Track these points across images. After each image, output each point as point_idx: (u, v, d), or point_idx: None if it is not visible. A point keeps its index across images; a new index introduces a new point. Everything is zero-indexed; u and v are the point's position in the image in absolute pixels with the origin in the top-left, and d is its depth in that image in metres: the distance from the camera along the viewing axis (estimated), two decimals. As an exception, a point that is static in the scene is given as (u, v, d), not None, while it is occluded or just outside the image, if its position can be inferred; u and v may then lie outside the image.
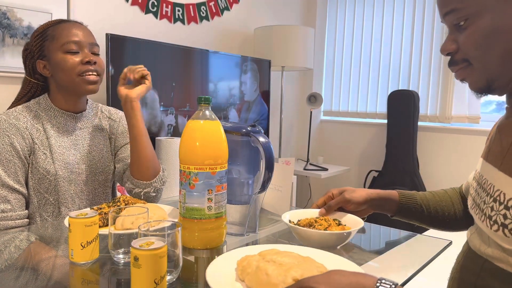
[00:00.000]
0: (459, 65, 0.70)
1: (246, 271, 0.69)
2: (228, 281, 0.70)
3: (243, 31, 2.85)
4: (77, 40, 1.17)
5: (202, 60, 2.24)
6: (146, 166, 1.22)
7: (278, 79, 3.12)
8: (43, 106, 1.21)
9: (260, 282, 0.65)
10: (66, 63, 1.16)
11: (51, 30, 1.18)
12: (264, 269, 0.66)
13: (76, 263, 0.80)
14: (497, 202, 0.69)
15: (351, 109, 3.24)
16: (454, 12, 0.67)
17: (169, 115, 2.09)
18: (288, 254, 0.72)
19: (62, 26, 1.19)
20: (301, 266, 0.67)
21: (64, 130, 1.22)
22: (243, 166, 0.99)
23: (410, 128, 2.78)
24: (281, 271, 0.66)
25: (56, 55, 1.17)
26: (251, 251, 0.79)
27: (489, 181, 0.73)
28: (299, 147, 3.52)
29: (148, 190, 1.22)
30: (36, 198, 1.17)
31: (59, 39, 1.17)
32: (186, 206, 0.88)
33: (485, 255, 0.72)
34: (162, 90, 2.05)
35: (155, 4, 2.27)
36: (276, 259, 0.70)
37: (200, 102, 0.88)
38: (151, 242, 0.65)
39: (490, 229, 0.69)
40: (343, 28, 3.26)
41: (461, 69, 0.70)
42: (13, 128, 1.14)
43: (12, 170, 1.12)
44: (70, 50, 1.16)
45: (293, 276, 0.64)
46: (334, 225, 0.92)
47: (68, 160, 1.20)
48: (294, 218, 0.99)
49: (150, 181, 1.23)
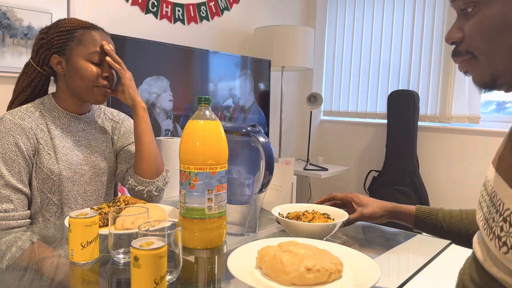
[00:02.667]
0: (463, 57, 0.64)
1: (263, 259, 0.74)
2: (247, 268, 0.75)
3: (243, 31, 2.85)
4: (102, 52, 1.19)
5: (202, 60, 2.24)
6: (149, 165, 1.23)
7: (278, 79, 3.12)
8: (47, 107, 1.21)
9: (275, 269, 0.70)
10: (86, 72, 1.17)
11: (80, 33, 1.18)
12: (280, 258, 0.71)
13: (76, 263, 0.80)
14: (507, 223, 0.62)
15: (351, 109, 3.25)
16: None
17: (166, 120, 2.09)
18: (305, 246, 0.76)
19: (93, 33, 1.19)
20: (315, 257, 0.71)
21: (67, 131, 1.23)
22: (243, 166, 0.99)
23: (410, 128, 2.78)
24: (295, 260, 0.70)
25: (78, 60, 1.17)
26: (272, 242, 0.84)
27: (498, 195, 0.65)
28: (299, 147, 3.52)
29: (150, 188, 1.23)
30: (40, 198, 1.17)
31: (87, 46, 1.17)
32: (186, 206, 0.88)
33: (490, 272, 0.66)
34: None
35: (155, 4, 2.27)
36: (292, 250, 0.74)
37: (200, 102, 0.89)
38: (151, 242, 0.65)
39: (499, 250, 0.63)
40: (343, 28, 3.26)
41: (464, 61, 0.65)
42: (18, 128, 1.14)
43: (16, 170, 1.12)
44: (93, 60, 1.17)
45: (306, 266, 0.68)
46: (320, 218, 0.98)
47: (72, 160, 1.20)
48: (285, 211, 1.06)
49: (153, 179, 1.23)
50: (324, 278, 0.69)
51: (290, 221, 0.95)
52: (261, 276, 0.72)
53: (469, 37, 0.62)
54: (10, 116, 1.15)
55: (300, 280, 0.68)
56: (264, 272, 0.72)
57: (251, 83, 2.58)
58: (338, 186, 3.33)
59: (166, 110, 2.07)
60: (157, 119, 2.03)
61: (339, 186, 3.32)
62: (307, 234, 0.94)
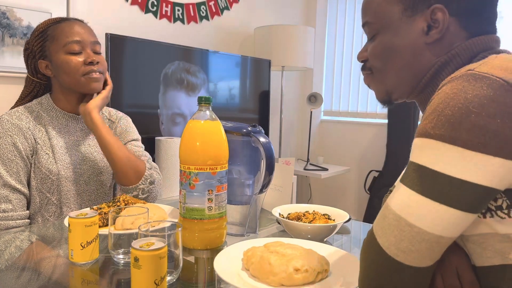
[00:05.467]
0: (366, 71, 0.77)
1: (250, 260, 0.73)
2: (234, 270, 0.74)
3: (243, 30, 2.84)
4: (78, 40, 1.16)
5: (202, 60, 2.24)
6: (124, 172, 1.18)
7: (278, 79, 3.11)
8: (45, 107, 1.21)
9: (263, 271, 0.70)
10: (69, 64, 1.15)
11: (51, 30, 1.17)
12: (267, 259, 0.71)
13: (76, 264, 0.79)
14: None
15: (352, 109, 3.24)
16: (367, 25, 0.74)
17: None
18: (291, 246, 0.76)
19: (62, 25, 1.17)
20: (303, 257, 0.71)
21: (65, 131, 1.22)
22: (244, 166, 0.99)
23: (410, 128, 2.78)
24: (283, 261, 0.70)
25: (58, 56, 1.16)
26: (257, 243, 0.83)
27: None
28: (299, 147, 3.52)
29: (136, 193, 1.20)
30: (39, 198, 1.16)
31: (60, 40, 1.16)
32: (186, 207, 0.87)
33: None
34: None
35: (155, 3, 2.27)
36: (279, 250, 0.74)
37: (200, 102, 0.88)
38: (151, 242, 0.65)
39: None
40: (344, 27, 3.26)
41: (366, 74, 0.77)
42: (16, 128, 1.13)
43: (14, 170, 1.12)
44: (72, 51, 1.15)
45: (294, 266, 0.69)
46: (321, 219, 0.98)
47: (70, 160, 1.20)
48: (285, 212, 1.05)
49: (135, 184, 1.20)
50: (312, 278, 0.70)
51: (290, 222, 0.95)
52: (248, 278, 0.72)
53: (369, 57, 0.74)
54: (7, 117, 1.15)
55: (288, 281, 0.68)
56: (252, 274, 0.72)
57: (251, 83, 2.58)
58: (338, 186, 3.32)
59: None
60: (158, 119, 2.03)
61: (339, 186, 3.32)
62: (308, 235, 0.94)
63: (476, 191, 0.52)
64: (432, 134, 0.54)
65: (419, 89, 0.70)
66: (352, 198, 3.25)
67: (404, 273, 0.56)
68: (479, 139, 0.51)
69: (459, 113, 0.52)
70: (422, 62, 0.68)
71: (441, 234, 0.54)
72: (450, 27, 0.66)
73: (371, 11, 0.73)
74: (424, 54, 0.68)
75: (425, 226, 0.54)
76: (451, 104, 0.53)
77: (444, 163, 0.53)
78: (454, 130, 0.52)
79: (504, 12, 2.51)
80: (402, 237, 0.55)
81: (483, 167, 0.51)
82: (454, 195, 0.52)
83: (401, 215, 0.56)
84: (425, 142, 0.55)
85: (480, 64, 0.56)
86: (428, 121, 0.55)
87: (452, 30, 0.67)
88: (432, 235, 0.54)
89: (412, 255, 0.55)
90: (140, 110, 1.93)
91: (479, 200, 0.53)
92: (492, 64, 0.55)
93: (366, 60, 0.76)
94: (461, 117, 0.52)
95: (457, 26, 0.67)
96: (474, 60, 0.65)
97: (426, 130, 0.55)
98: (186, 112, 2.15)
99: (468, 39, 0.67)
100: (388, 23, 0.70)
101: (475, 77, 0.54)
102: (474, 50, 0.65)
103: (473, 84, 0.53)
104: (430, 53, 0.68)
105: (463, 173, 0.52)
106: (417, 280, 0.56)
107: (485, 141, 0.51)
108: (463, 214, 0.53)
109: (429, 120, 0.55)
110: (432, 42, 0.67)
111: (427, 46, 0.68)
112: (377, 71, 0.74)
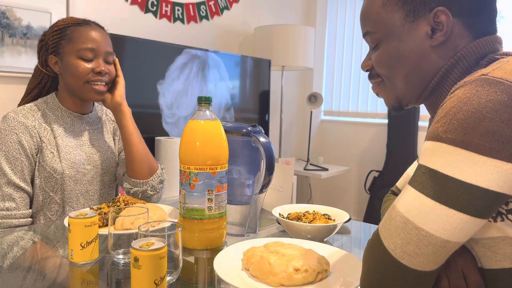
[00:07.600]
0: (375, 79, 0.77)
1: (250, 260, 0.74)
2: (234, 270, 0.74)
3: (243, 30, 2.84)
4: (93, 48, 1.16)
5: (202, 60, 2.23)
6: (140, 165, 1.22)
7: (278, 79, 3.11)
8: (51, 106, 1.21)
9: (263, 271, 0.70)
10: (77, 68, 1.16)
11: (70, 31, 1.17)
12: (267, 259, 0.71)
13: (75, 264, 0.79)
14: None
15: (352, 109, 3.24)
16: (368, 34, 0.75)
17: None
18: (291, 246, 0.76)
19: (82, 29, 1.17)
20: (303, 257, 0.71)
21: (70, 131, 1.22)
22: (244, 166, 0.99)
23: (410, 128, 2.78)
24: (283, 261, 0.70)
25: (69, 58, 1.16)
26: (257, 243, 0.84)
27: None
28: (299, 147, 3.52)
29: (145, 188, 1.22)
30: (42, 197, 1.17)
31: (75, 43, 1.16)
32: (186, 207, 0.87)
33: None
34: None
35: (155, 3, 2.27)
36: (279, 250, 0.74)
37: (200, 102, 0.88)
38: (151, 242, 0.65)
39: None
40: (344, 27, 3.26)
41: (376, 83, 0.77)
42: (22, 126, 1.14)
43: (19, 168, 1.12)
44: (84, 57, 1.16)
45: (294, 266, 0.69)
46: (321, 219, 0.98)
47: (75, 159, 1.20)
48: (285, 212, 1.05)
49: (147, 179, 1.23)
50: (312, 278, 0.70)
51: (290, 222, 0.95)
52: (248, 278, 0.72)
53: (375, 65, 0.74)
54: (13, 115, 1.15)
55: (288, 281, 0.68)
56: (252, 274, 0.72)
57: (251, 83, 2.57)
58: (338, 187, 3.32)
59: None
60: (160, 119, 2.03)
61: (339, 186, 3.32)
62: (308, 235, 0.94)
63: (486, 196, 0.51)
64: (444, 138, 0.53)
65: (427, 92, 0.70)
66: (352, 198, 3.25)
67: (408, 276, 0.55)
68: (492, 145, 0.50)
69: (472, 118, 0.52)
70: (429, 66, 0.69)
71: (448, 238, 0.53)
72: (454, 29, 0.67)
73: (370, 21, 0.73)
74: (431, 57, 0.68)
75: (432, 229, 0.53)
76: (464, 109, 0.53)
77: (455, 168, 0.52)
78: (467, 135, 0.52)
79: (504, 12, 2.51)
80: (408, 239, 0.55)
81: (495, 172, 0.51)
82: (464, 200, 0.52)
83: (408, 218, 0.55)
84: (436, 146, 0.54)
85: (494, 69, 0.56)
86: (440, 125, 0.54)
87: (456, 31, 0.67)
88: (439, 239, 0.53)
89: (417, 259, 0.54)
90: (140, 110, 1.93)
91: (489, 205, 0.52)
92: (506, 69, 0.55)
93: (370, 68, 0.76)
94: (474, 122, 0.51)
95: (461, 27, 0.67)
96: (481, 62, 0.65)
97: (437, 134, 0.54)
98: (186, 112, 2.14)
99: (472, 39, 0.67)
100: (390, 31, 0.70)
101: (489, 82, 0.53)
102: (480, 52, 0.65)
103: (487, 89, 0.53)
104: (437, 56, 0.68)
105: (474, 178, 0.51)
106: (420, 283, 0.56)
107: (498, 147, 0.50)
108: (472, 219, 0.52)
109: (441, 124, 0.54)
110: (438, 44, 0.67)
111: (433, 49, 0.68)
112: (386, 78, 0.74)
